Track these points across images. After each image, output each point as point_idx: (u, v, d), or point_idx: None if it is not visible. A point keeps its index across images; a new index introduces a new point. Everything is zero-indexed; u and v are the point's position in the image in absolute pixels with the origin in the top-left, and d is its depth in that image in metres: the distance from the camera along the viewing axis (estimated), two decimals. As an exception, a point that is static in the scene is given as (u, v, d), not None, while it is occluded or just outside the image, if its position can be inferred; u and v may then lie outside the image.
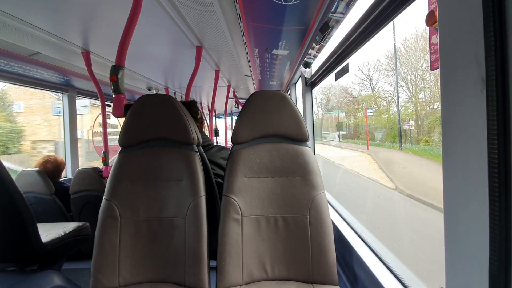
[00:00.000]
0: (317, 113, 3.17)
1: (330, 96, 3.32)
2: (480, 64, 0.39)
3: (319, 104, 3.51)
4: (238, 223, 1.04)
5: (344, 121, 2.98)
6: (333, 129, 3.21)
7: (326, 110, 3.49)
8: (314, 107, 2.43)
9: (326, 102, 3.45)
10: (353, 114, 2.64)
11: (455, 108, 0.45)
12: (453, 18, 0.45)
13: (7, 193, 1.24)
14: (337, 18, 1.29)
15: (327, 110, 3.46)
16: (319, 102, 3.50)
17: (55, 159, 2.29)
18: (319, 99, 3.53)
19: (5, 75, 2.12)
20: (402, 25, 1.18)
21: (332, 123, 3.28)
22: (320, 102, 3.52)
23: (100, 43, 1.71)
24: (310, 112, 2.35)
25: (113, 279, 1.02)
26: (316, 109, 3.03)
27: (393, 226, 1.57)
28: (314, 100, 2.42)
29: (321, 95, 3.41)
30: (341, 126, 2.99)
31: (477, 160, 0.41)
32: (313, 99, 2.40)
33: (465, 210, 0.44)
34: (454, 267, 0.47)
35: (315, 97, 2.44)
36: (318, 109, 3.35)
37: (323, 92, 3.40)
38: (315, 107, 2.45)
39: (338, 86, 2.92)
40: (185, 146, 1.11)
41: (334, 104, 3.22)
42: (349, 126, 2.75)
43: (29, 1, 1.16)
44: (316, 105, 3.07)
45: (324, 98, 3.47)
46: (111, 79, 1.14)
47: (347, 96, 2.74)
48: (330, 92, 3.30)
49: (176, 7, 1.28)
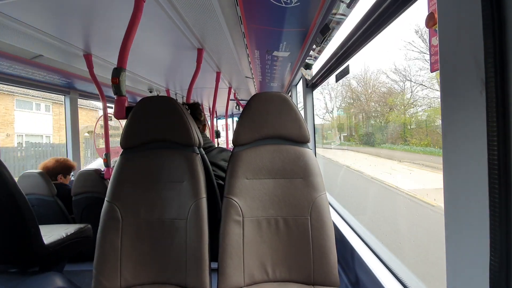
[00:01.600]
0: (330, 112, 2.92)
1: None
2: (479, 66, 0.40)
3: (332, 99, 2.94)
4: (239, 224, 1.04)
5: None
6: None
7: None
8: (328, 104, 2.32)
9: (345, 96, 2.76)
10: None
11: (454, 109, 0.46)
12: (452, 20, 0.45)
13: (10, 195, 1.25)
14: (337, 19, 1.29)
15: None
16: (334, 97, 2.94)
17: (66, 160, 2.33)
18: (331, 95, 2.94)
19: (8, 78, 2.13)
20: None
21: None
22: (335, 97, 2.93)
23: (102, 46, 1.72)
24: (311, 113, 2.35)
25: (115, 280, 1.02)
26: (330, 106, 2.77)
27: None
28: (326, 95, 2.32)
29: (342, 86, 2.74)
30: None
31: (477, 162, 0.41)
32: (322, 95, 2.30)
33: (465, 211, 0.44)
34: (455, 268, 0.47)
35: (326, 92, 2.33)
36: (332, 106, 2.92)
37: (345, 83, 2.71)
38: (328, 103, 2.35)
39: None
40: (186, 148, 1.11)
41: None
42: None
43: (32, 4, 1.17)
44: (329, 101, 2.79)
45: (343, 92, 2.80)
46: (112, 81, 1.14)
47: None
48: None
49: (177, 10, 1.29)
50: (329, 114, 3.29)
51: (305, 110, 2.37)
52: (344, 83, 2.54)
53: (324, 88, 2.36)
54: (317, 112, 3.56)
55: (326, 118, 3.54)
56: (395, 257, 1.00)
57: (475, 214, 0.42)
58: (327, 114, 3.33)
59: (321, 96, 3.18)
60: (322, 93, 3.18)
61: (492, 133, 0.38)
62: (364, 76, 2.12)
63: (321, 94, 3.21)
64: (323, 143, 3.62)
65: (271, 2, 1.22)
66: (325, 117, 3.54)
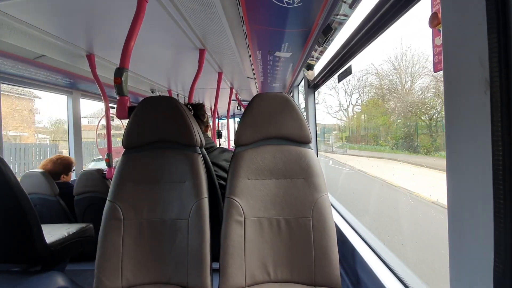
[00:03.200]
0: (345, 109, 2.60)
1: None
2: (484, 66, 0.39)
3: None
4: (241, 225, 1.04)
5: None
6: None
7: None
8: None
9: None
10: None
11: (459, 109, 0.45)
12: (456, 19, 0.45)
13: (13, 194, 1.25)
14: (339, 20, 1.29)
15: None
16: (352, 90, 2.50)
17: (64, 159, 2.33)
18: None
19: (11, 78, 2.15)
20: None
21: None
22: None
23: (104, 46, 1.73)
24: (313, 114, 2.35)
25: (116, 280, 1.02)
26: (344, 102, 2.48)
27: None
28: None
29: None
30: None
31: (481, 162, 0.41)
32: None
33: (469, 212, 0.44)
34: (458, 270, 0.47)
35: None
36: (348, 103, 2.54)
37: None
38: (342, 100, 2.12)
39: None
40: (188, 148, 1.11)
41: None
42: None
43: (35, 5, 1.18)
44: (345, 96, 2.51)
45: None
46: (115, 81, 1.15)
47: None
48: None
49: (180, 10, 1.30)
50: (343, 112, 3.04)
51: (307, 110, 2.37)
52: (368, 70, 2.06)
53: (334, 80, 2.03)
54: (329, 110, 3.33)
55: (338, 117, 3.27)
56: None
57: (479, 215, 0.42)
58: (340, 111, 3.07)
59: (333, 92, 2.92)
60: (335, 88, 2.93)
61: (497, 133, 0.37)
62: (401, 61, 1.68)
63: (332, 90, 2.96)
64: (338, 146, 3.44)
65: (273, 3, 1.22)
66: (337, 115, 3.28)
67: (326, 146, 4.14)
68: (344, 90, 2.82)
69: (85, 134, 11.06)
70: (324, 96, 3.42)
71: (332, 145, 4.05)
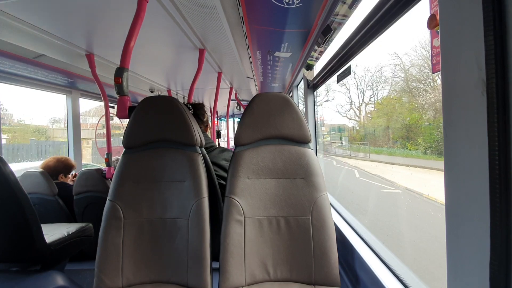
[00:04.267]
0: (357, 108, 2.30)
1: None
2: (480, 67, 0.40)
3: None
4: (241, 224, 1.05)
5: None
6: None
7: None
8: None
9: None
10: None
11: (456, 110, 0.46)
12: (454, 21, 0.46)
13: (12, 193, 1.25)
14: (339, 20, 1.30)
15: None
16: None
17: (66, 159, 2.34)
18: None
19: (10, 77, 2.14)
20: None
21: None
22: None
23: (104, 46, 1.73)
24: (312, 113, 2.36)
25: (116, 279, 1.02)
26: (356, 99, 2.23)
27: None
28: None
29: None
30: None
31: (478, 162, 0.41)
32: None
33: (466, 211, 0.44)
34: (455, 268, 0.48)
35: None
36: (361, 101, 2.26)
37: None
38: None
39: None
40: (188, 148, 1.11)
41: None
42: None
43: (35, 4, 1.18)
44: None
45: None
46: (115, 81, 1.15)
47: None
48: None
49: (180, 10, 1.30)
50: (355, 110, 2.75)
51: (306, 110, 2.37)
52: (386, 63, 1.67)
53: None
54: (339, 108, 3.05)
55: (350, 115, 3.01)
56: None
57: (476, 214, 0.42)
58: (351, 110, 2.82)
59: (343, 88, 2.67)
60: (346, 83, 2.67)
61: (493, 133, 0.38)
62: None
63: (343, 87, 2.70)
64: (355, 149, 3.01)
65: (273, 3, 1.22)
66: (350, 114, 3.03)
67: (343, 150, 3.64)
68: (356, 86, 2.64)
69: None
70: (333, 93, 3.22)
71: (348, 148, 3.49)
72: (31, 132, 9.27)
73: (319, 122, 2.18)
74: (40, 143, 7.13)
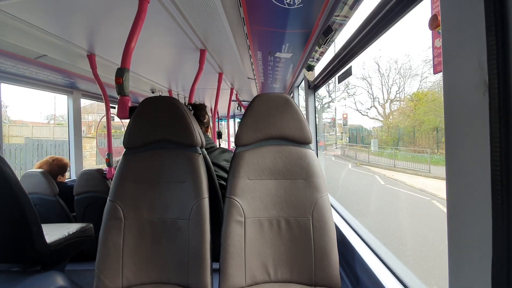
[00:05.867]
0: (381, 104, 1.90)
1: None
2: (482, 68, 0.40)
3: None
4: (241, 225, 1.05)
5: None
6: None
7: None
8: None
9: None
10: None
11: (457, 111, 0.46)
12: (455, 21, 0.45)
13: (13, 194, 1.25)
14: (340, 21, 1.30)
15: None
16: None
17: (59, 160, 2.33)
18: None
19: (12, 77, 2.15)
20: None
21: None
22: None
23: (105, 46, 1.73)
24: (313, 114, 2.36)
25: (116, 280, 1.02)
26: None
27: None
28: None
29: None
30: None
31: (480, 163, 0.41)
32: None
33: (468, 212, 0.44)
34: (457, 269, 0.47)
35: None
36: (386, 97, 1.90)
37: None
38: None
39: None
40: (189, 148, 1.11)
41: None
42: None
43: (37, 4, 1.18)
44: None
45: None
46: (116, 81, 1.15)
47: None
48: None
49: (181, 11, 1.30)
50: (376, 108, 2.23)
51: (307, 111, 2.37)
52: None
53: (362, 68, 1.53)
54: (358, 106, 2.36)
55: (373, 114, 2.44)
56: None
57: (477, 215, 0.42)
58: (372, 107, 2.27)
59: (363, 83, 2.25)
60: (367, 77, 2.26)
61: (495, 134, 0.38)
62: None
63: (362, 81, 2.24)
64: (387, 155, 2.12)
65: (274, 4, 1.22)
66: (373, 112, 2.50)
67: (373, 157, 2.72)
68: (381, 81, 2.28)
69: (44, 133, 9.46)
70: (353, 89, 2.80)
71: (379, 153, 2.67)
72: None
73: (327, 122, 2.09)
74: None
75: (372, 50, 1.09)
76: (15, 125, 9.15)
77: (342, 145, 3.60)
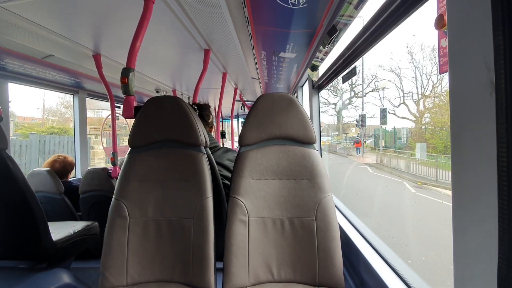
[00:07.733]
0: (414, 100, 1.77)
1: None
2: (489, 68, 0.40)
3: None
4: (245, 224, 1.05)
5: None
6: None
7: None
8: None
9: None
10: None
11: (464, 111, 0.45)
12: (462, 21, 0.45)
13: (20, 192, 1.27)
14: (344, 21, 1.29)
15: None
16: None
17: (64, 159, 2.35)
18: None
19: (19, 77, 2.18)
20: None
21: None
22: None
23: (111, 46, 1.75)
24: (317, 114, 2.35)
25: (121, 278, 1.03)
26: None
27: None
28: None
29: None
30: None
31: (486, 163, 0.41)
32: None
33: (474, 212, 0.44)
34: (462, 269, 0.47)
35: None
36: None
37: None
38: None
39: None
40: (193, 148, 1.12)
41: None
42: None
43: (44, 5, 1.20)
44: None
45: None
46: (122, 81, 1.16)
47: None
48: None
49: (186, 11, 1.31)
50: (406, 104, 1.92)
51: (311, 111, 2.37)
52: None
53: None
54: (389, 105, 2.10)
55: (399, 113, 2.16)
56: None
57: (483, 216, 0.42)
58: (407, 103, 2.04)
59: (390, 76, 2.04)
60: (396, 69, 2.00)
61: (502, 134, 0.38)
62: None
63: (395, 75, 2.05)
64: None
65: (279, 4, 1.22)
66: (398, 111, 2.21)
67: (441, 171, 2.30)
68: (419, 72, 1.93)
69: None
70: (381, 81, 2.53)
71: (443, 165, 2.15)
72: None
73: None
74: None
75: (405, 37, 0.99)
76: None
77: (374, 150, 3.11)
